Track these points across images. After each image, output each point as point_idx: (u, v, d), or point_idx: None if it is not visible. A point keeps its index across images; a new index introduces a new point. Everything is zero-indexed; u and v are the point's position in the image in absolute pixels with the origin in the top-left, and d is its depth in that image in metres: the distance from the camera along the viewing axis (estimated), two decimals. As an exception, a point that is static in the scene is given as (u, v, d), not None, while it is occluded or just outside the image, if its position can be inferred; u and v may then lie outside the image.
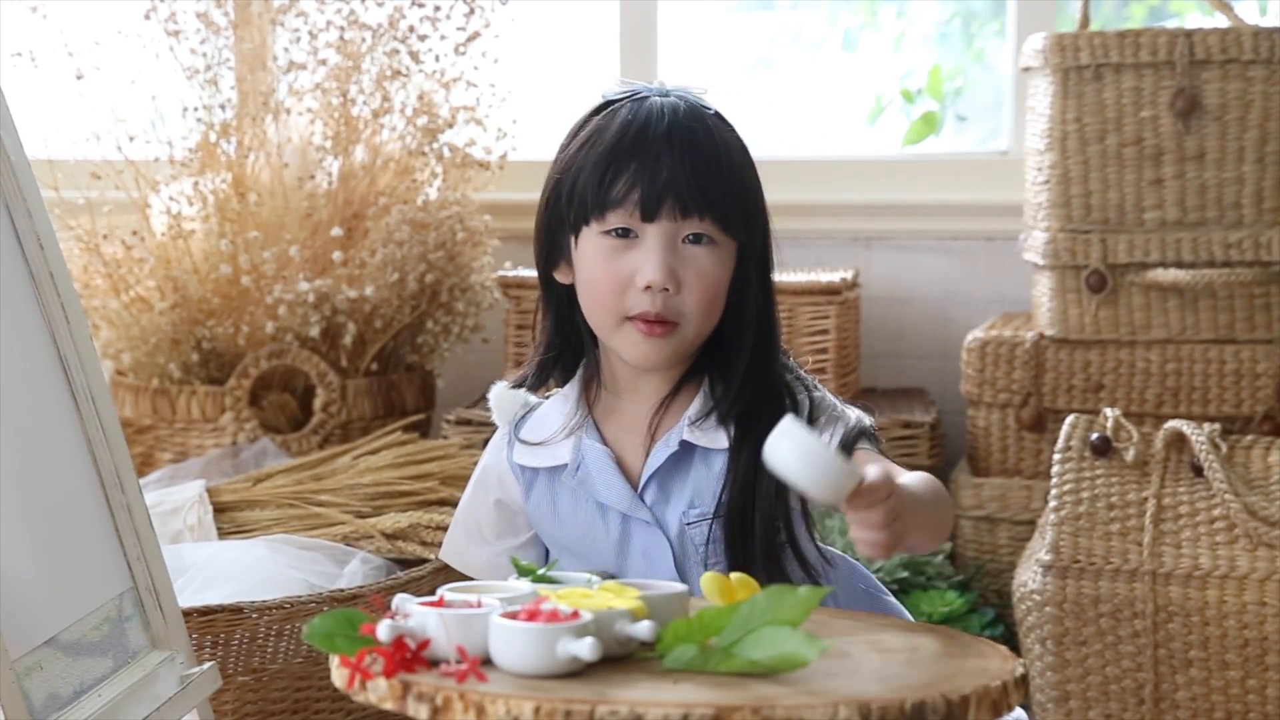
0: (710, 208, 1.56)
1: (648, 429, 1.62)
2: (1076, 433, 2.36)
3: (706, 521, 1.59)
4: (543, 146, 3.07)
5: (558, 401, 1.67)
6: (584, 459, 1.62)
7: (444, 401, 2.96)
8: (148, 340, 2.72)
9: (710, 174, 1.56)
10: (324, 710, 2.15)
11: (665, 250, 1.55)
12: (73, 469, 1.64)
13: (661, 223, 1.55)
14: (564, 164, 1.60)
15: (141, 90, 2.77)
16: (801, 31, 3.35)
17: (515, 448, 1.66)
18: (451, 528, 1.75)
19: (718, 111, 1.63)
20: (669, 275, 1.55)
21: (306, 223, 2.72)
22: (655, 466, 1.60)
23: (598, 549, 1.63)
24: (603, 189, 1.56)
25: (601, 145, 1.57)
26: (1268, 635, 2.20)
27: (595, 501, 1.62)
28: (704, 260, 1.57)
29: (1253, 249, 2.57)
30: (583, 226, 1.58)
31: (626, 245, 1.56)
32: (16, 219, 1.63)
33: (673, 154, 1.55)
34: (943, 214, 3.06)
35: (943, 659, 1.28)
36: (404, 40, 2.77)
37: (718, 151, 1.58)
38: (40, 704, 1.47)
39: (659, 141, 1.55)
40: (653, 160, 1.55)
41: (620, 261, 1.56)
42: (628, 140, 1.56)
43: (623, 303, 1.57)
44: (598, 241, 1.57)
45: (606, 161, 1.56)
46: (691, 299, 1.56)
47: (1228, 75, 2.56)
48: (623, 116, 1.58)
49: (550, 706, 1.12)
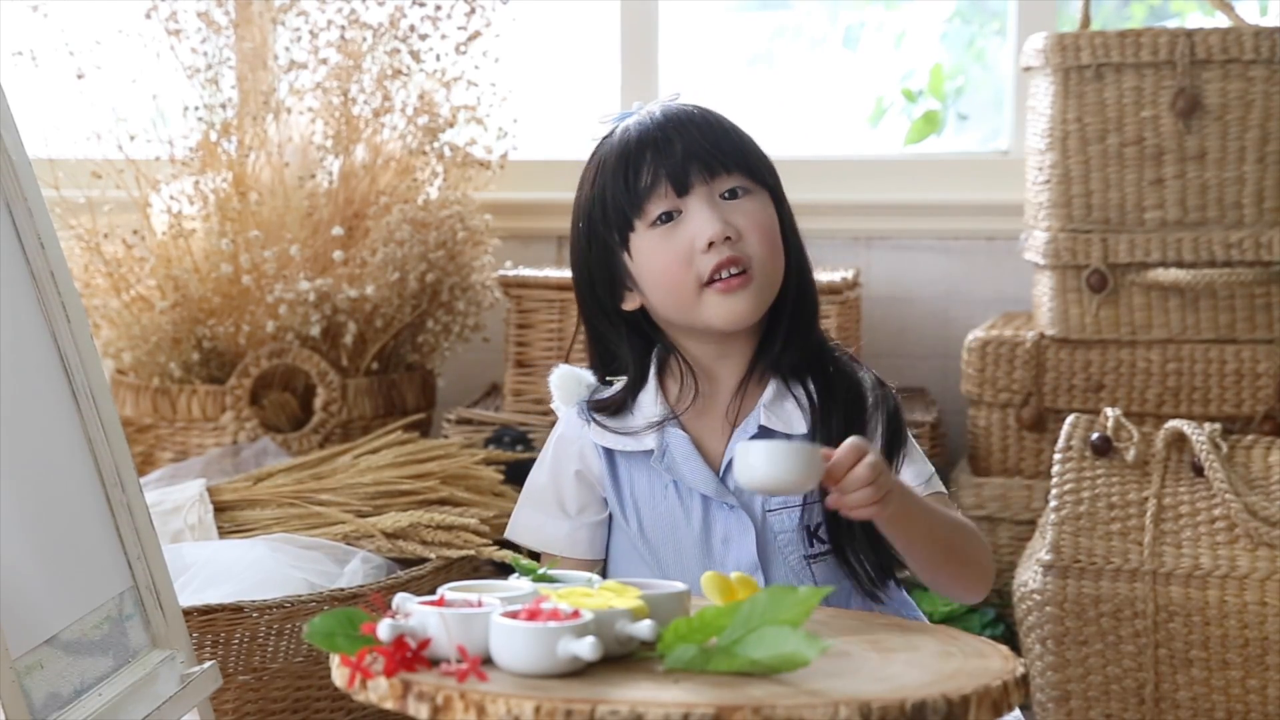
0: (735, 161, 1.63)
1: (726, 415, 1.67)
2: (1077, 432, 2.36)
3: (788, 510, 1.63)
4: (543, 146, 3.09)
5: (640, 392, 1.70)
6: (668, 446, 1.66)
7: (444, 401, 2.96)
8: (148, 339, 2.72)
9: (719, 136, 1.64)
10: (324, 710, 2.15)
11: (711, 209, 1.61)
12: (73, 468, 1.64)
13: (697, 189, 1.62)
14: (587, 197, 1.67)
15: (142, 89, 2.77)
16: (802, 29, 3.35)
17: (593, 427, 1.69)
18: (519, 508, 1.76)
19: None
20: (725, 225, 1.61)
21: (307, 222, 2.72)
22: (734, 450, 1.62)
23: (678, 535, 1.66)
24: (630, 189, 1.62)
25: (611, 161, 1.65)
26: (1268, 635, 2.20)
27: (677, 489, 1.66)
28: (749, 206, 1.64)
29: (1253, 249, 2.57)
30: (629, 234, 1.64)
31: (675, 225, 1.62)
32: (17, 218, 1.63)
33: (678, 130, 1.63)
34: (943, 214, 3.06)
35: (943, 659, 1.28)
36: (405, 39, 2.76)
37: (716, 119, 1.66)
38: (40, 703, 1.47)
39: (661, 129, 1.63)
40: (664, 143, 1.62)
41: (676, 239, 1.62)
42: (633, 141, 1.64)
43: (693, 273, 1.62)
44: (648, 236, 1.63)
45: (623, 167, 1.63)
46: (754, 241, 1.62)
47: (1228, 75, 2.56)
48: (618, 133, 1.66)
49: (550, 706, 1.12)
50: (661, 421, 1.66)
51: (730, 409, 1.67)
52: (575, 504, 1.71)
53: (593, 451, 1.70)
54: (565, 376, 1.73)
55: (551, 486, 1.72)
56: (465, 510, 2.35)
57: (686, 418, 1.67)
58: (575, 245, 1.69)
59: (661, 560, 1.66)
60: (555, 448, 1.73)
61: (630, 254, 1.64)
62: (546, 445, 1.75)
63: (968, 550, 1.59)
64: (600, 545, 1.71)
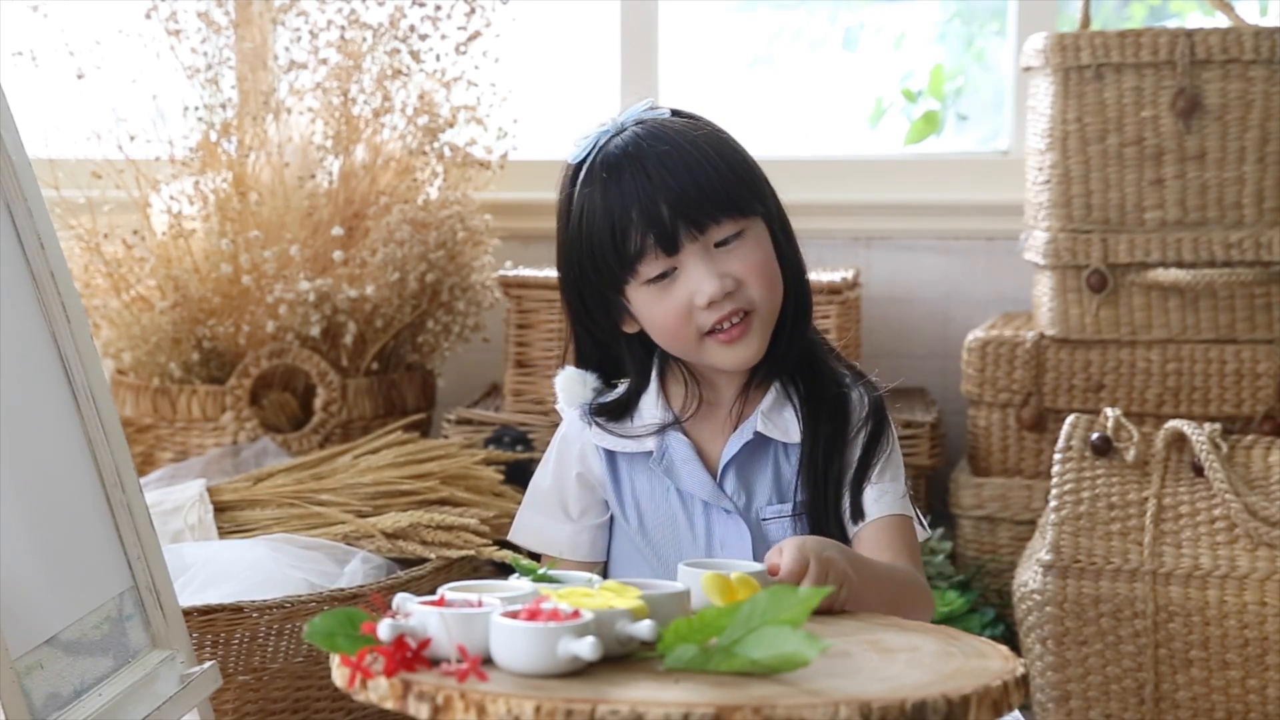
0: (721, 208, 1.59)
1: (728, 419, 1.67)
2: (1077, 433, 2.36)
3: (783, 519, 1.64)
4: (543, 146, 3.09)
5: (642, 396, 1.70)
6: (668, 449, 1.66)
7: (444, 401, 2.96)
8: (148, 339, 2.72)
9: (701, 179, 1.58)
10: (324, 710, 2.15)
11: (706, 265, 1.59)
12: (73, 468, 1.64)
13: (688, 247, 1.59)
14: (571, 245, 1.64)
15: (142, 89, 2.77)
16: (802, 30, 3.35)
17: (594, 429, 1.69)
18: (522, 510, 1.76)
19: (673, 110, 1.66)
20: (722, 281, 1.59)
21: (307, 222, 2.72)
22: (730, 455, 1.64)
23: (679, 537, 1.66)
24: (620, 254, 1.59)
25: (595, 216, 1.60)
26: (1268, 635, 2.20)
27: (677, 492, 1.66)
28: (744, 250, 1.61)
29: (1253, 249, 2.57)
30: (624, 287, 1.62)
31: (671, 281, 1.60)
32: (17, 218, 1.63)
33: (661, 185, 1.57)
34: (943, 214, 3.06)
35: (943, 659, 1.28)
36: (405, 40, 2.76)
37: (694, 155, 1.59)
38: (41, 703, 1.47)
39: (642, 180, 1.58)
40: (647, 200, 1.57)
41: (673, 296, 1.60)
42: (614, 199, 1.59)
43: (693, 326, 1.61)
44: (643, 292, 1.61)
45: (608, 227, 1.59)
46: (753, 285, 1.61)
47: (1228, 75, 2.56)
48: (597, 177, 1.60)
49: (551, 706, 1.12)
50: (663, 427, 1.67)
51: (732, 413, 1.67)
52: (577, 507, 1.72)
53: (594, 453, 1.70)
54: (570, 378, 1.72)
55: (554, 490, 1.73)
56: (465, 510, 2.35)
57: (689, 423, 1.68)
58: (567, 279, 1.66)
59: (664, 560, 1.66)
60: (558, 450, 1.73)
61: (627, 300, 1.64)
62: (550, 448, 1.75)
63: (912, 608, 1.58)
64: (602, 548, 1.71)
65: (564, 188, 1.65)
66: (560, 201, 1.66)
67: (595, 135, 1.64)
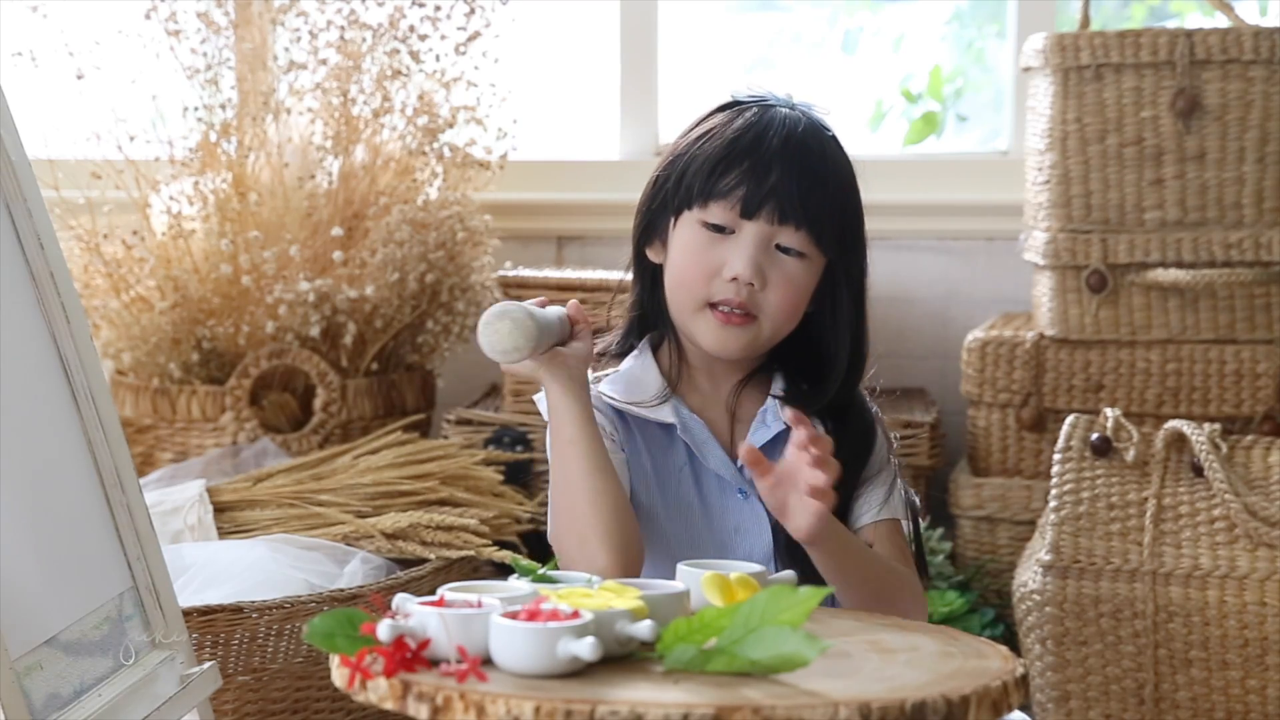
0: (808, 220, 1.62)
1: (726, 407, 1.69)
2: (1077, 433, 2.36)
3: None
4: (543, 147, 3.08)
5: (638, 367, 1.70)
6: (687, 424, 1.67)
7: (444, 401, 2.95)
8: (148, 340, 2.72)
9: (815, 189, 1.62)
10: (324, 710, 2.15)
11: (757, 248, 1.62)
12: (73, 469, 1.64)
13: (759, 223, 1.62)
14: (679, 150, 1.67)
15: (142, 90, 2.77)
16: (802, 32, 3.35)
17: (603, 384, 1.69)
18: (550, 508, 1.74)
19: (835, 135, 1.69)
20: (756, 271, 1.61)
21: (307, 222, 2.72)
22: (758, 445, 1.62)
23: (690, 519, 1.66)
24: (711, 180, 1.62)
25: (719, 140, 1.64)
26: (1268, 635, 2.20)
27: (692, 471, 1.66)
28: (791, 267, 1.63)
29: (1253, 249, 2.57)
30: (684, 211, 1.65)
31: (721, 240, 1.63)
32: (17, 218, 1.63)
33: (784, 162, 1.62)
34: (943, 214, 3.06)
35: (943, 659, 1.28)
36: (404, 40, 2.76)
37: (827, 170, 1.64)
38: (40, 703, 1.47)
39: (774, 147, 1.62)
40: (764, 163, 1.62)
41: (712, 252, 1.63)
42: (745, 140, 1.63)
43: (707, 289, 1.63)
44: (695, 229, 1.64)
45: (720, 155, 1.63)
46: (774, 298, 1.63)
47: (1228, 75, 2.56)
48: (746, 118, 1.65)
49: (550, 706, 1.12)
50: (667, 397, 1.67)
51: (730, 401, 1.69)
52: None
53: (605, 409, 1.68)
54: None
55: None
56: (465, 511, 2.35)
57: (695, 406, 1.69)
58: (654, 173, 1.70)
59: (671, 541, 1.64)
60: None
61: (675, 225, 1.66)
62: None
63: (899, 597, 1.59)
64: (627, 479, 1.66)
65: (711, 110, 1.69)
66: (699, 116, 1.69)
67: (766, 93, 1.69)
